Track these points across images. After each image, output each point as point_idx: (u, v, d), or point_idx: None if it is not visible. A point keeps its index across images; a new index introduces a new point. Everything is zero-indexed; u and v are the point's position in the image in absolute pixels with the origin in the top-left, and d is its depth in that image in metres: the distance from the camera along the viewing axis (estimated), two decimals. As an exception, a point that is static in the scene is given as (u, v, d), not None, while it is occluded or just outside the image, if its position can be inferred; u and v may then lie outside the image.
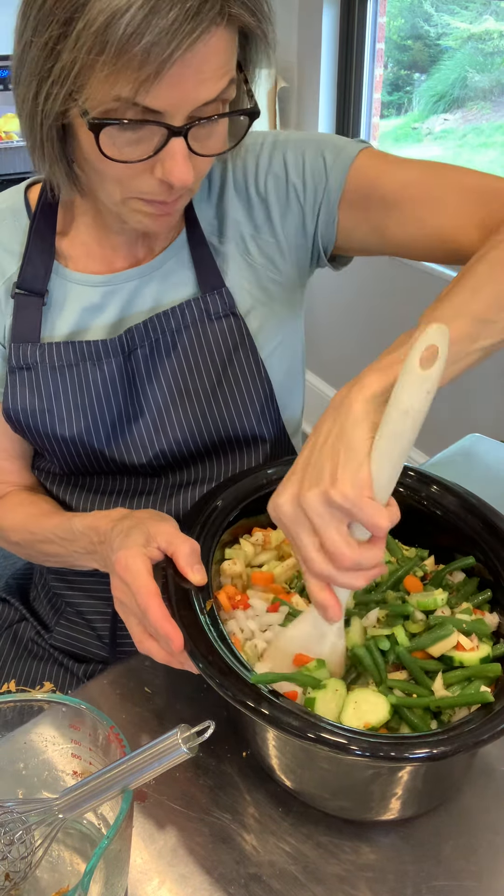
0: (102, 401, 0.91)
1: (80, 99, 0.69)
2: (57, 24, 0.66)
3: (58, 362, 0.91)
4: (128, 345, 0.91)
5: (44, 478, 1.01)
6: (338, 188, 0.90)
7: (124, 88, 0.66)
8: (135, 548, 0.73)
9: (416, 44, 2.71)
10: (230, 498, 0.83)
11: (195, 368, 0.93)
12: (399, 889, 0.66)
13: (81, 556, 0.86)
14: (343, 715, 0.66)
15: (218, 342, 0.93)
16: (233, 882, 0.66)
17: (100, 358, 0.91)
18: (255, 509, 0.85)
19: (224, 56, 0.69)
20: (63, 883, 0.64)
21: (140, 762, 0.58)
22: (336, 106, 2.76)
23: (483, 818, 0.72)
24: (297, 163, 0.92)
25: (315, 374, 3.19)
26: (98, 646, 1.05)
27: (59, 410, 0.91)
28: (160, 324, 0.92)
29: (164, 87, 0.66)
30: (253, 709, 0.61)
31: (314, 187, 0.92)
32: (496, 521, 0.80)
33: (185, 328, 0.92)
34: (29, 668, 1.06)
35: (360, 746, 0.59)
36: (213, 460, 0.97)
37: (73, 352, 0.90)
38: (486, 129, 2.62)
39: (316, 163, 0.91)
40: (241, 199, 0.95)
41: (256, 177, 0.93)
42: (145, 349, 0.92)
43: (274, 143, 0.94)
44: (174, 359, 0.92)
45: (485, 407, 2.34)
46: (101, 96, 0.67)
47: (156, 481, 0.98)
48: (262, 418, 0.96)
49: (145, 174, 0.75)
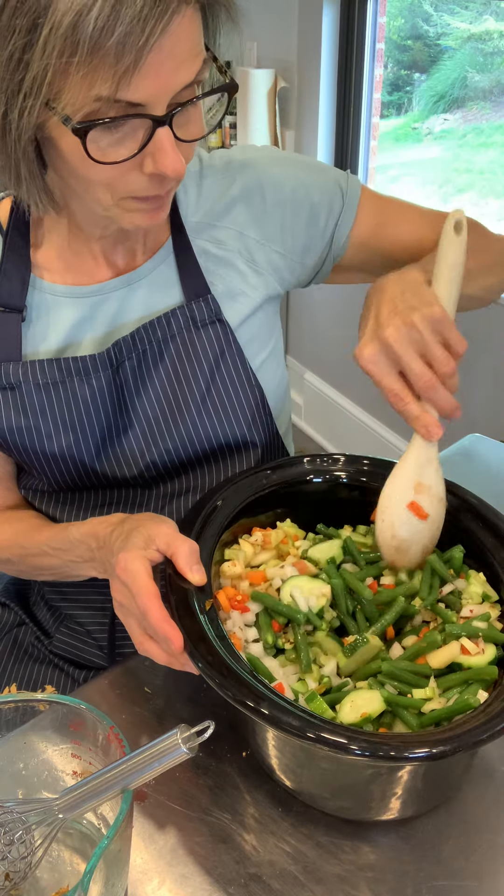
0: (92, 415, 0.90)
1: (58, 107, 0.67)
2: (20, 34, 0.64)
3: (42, 380, 0.88)
4: (116, 358, 0.90)
5: (31, 496, 1.00)
6: (348, 224, 0.98)
7: (103, 86, 0.64)
8: (134, 550, 0.72)
9: (416, 44, 2.71)
10: (229, 498, 0.83)
11: (183, 377, 0.92)
12: (399, 889, 0.66)
13: (79, 564, 0.85)
14: (341, 713, 0.67)
15: (205, 349, 0.92)
16: (233, 882, 0.66)
17: (87, 373, 0.89)
18: (254, 509, 0.85)
19: (194, 37, 0.69)
20: (63, 883, 0.64)
21: (140, 762, 0.58)
22: (336, 106, 2.75)
23: (483, 818, 0.72)
24: (313, 184, 0.96)
25: (315, 374, 3.19)
26: (97, 654, 1.05)
27: (46, 427, 0.89)
28: (147, 334, 0.90)
29: (144, 77, 0.65)
30: (253, 709, 0.61)
31: (328, 213, 0.97)
32: (496, 520, 0.80)
33: (171, 337, 0.91)
34: (30, 672, 1.05)
35: (359, 746, 0.59)
36: (204, 468, 0.96)
37: (59, 369, 0.88)
38: (486, 129, 2.62)
39: (334, 192, 0.97)
40: (249, 209, 0.95)
41: (267, 188, 0.94)
42: (133, 361, 0.90)
43: (285, 158, 0.97)
44: (162, 369, 0.91)
45: (485, 407, 2.34)
46: (80, 100, 0.65)
47: (147, 492, 0.97)
48: (253, 424, 0.95)
49: (134, 172, 0.73)
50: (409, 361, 0.73)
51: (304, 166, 0.98)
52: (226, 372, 0.93)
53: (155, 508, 0.97)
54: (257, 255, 0.96)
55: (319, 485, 0.88)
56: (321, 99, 2.72)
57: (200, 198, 0.95)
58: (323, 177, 0.97)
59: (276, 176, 0.95)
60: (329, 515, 0.88)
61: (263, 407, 0.96)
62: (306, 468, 0.88)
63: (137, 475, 0.93)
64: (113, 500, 0.97)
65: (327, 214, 0.97)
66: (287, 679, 0.72)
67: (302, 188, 0.96)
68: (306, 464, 0.88)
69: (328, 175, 0.98)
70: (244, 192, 0.95)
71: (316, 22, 2.62)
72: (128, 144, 0.70)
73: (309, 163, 0.99)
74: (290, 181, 0.95)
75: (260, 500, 0.85)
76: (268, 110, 2.84)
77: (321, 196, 0.96)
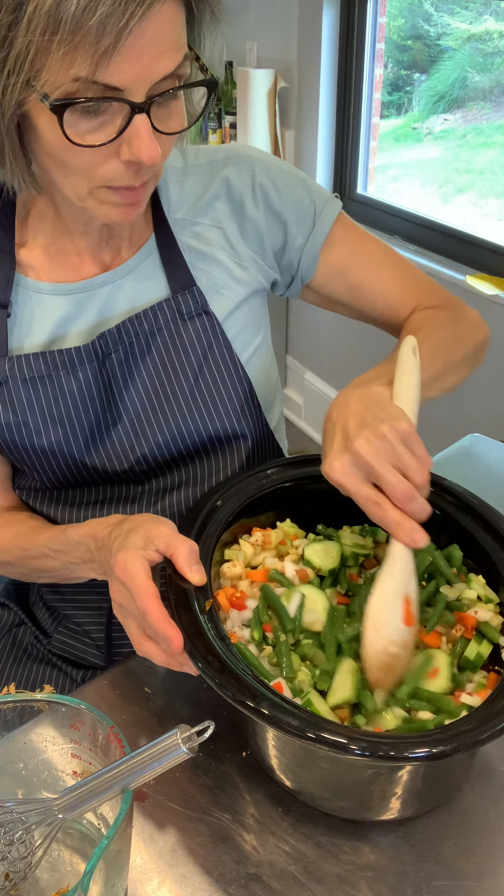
0: (80, 409, 0.90)
1: (37, 85, 0.68)
2: (5, 11, 0.65)
3: (28, 374, 0.88)
4: (102, 350, 0.90)
5: (26, 496, 1.00)
6: (318, 244, 0.99)
7: (82, 67, 0.65)
8: (133, 550, 0.72)
9: (416, 44, 2.71)
10: (229, 498, 0.83)
11: (171, 370, 0.92)
12: (399, 889, 0.66)
13: (78, 566, 0.85)
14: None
15: (192, 342, 0.92)
16: (233, 882, 0.66)
17: (73, 366, 0.89)
18: (254, 509, 0.85)
19: (177, 29, 0.70)
20: (63, 883, 0.64)
21: (140, 762, 0.58)
22: (336, 106, 2.75)
23: (483, 818, 0.72)
24: (291, 194, 0.97)
25: (315, 374, 3.18)
26: (95, 654, 1.05)
27: (35, 422, 0.89)
28: (133, 327, 0.90)
29: (122, 60, 0.66)
30: (253, 709, 0.61)
31: (299, 227, 0.98)
32: (495, 521, 0.80)
33: (158, 330, 0.91)
34: (29, 671, 1.06)
35: (359, 746, 0.59)
36: (195, 462, 0.96)
37: (45, 362, 0.89)
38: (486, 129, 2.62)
39: (308, 209, 0.98)
40: (230, 205, 0.96)
41: (252, 190, 0.95)
42: (119, 353, 0.90)
43: (270, 161, 0.98)
44: (149, 362, 0.91)
45: (485, 407, 2.34)
46: (59, 79, 0.67)
47: (139, 488, 0.96)
48: (242, 416, 0.95)
49: (111, 159, 0.73)
50: (383, 471, 0.70)
51: (288, 175, 0.98)
52: (213, 364, 0.93)
53: (148, 504, 0.97)
54: (240, 249, 0.97)
55: (319, 485, 0.88)
56: (321, 99, 2.72)
57: (183, 194, 0.95)
58: (302, 191, 0.98)
59: (259, 178, 0.96)
60: (329, 515, 0.88)
61: (252, 399, 0.96)
62: (306, 468, 0.88)
63: (128, 469, 0.93)
64: (106, 497, 0.97)
65: (297, 228, 0.98)
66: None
67: (281, 195, 0.97)
68: (307, 464, 0.88)
69: (308, 190, 0.99)
70: (226, 189, 0.96)
71: (316, 22, 2.62)
72: (106, 130, 0.71)
73: (293, 173, 1.00)
74: (270, 185, 0.96)
75: (260, 500, 0.85)
76: (268, 110, 2.84)
77: (295, 209, 0.98)
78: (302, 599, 0.76)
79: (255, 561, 0.82)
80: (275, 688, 0.67)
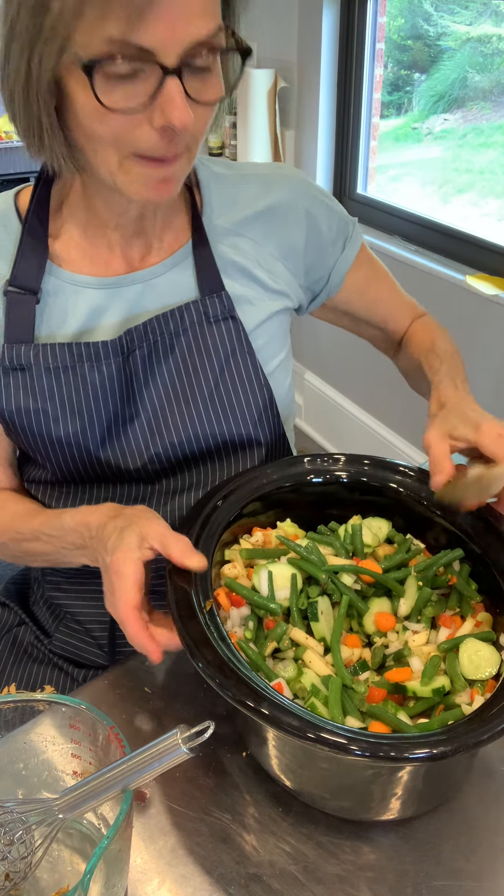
0: (100, 402, 0.91)
1: (70, 48, 0.69)
2: None
3: (52, 363, 0.90)
4: (127, 346, 0.91)
5: (34, 489, 1.00)
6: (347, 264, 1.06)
7: (115, 26, 0.67)
8: (128, 551, 0.73)
9: (416, 44, 2.71)
10: (230, 498, 0.83)
11: (192, 371, 0.93)
12: (399, 889, 0.66)
13: (71, 552, 0.86)
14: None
15: (216, 345, 0.93)
16: (233, 882, 0.66)
17: (98, 359, 0.90)
18: (254, 509, 0.85)
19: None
20: (63, 883, 0.64)
21: (140, 762, 0.58)
22: (336, 106, 2.75)
23: (483, 818, 0.72)
24: (330, 218, 1.03)
25: (315, 374, 3.18)
26: (97, 653, 1.05)
27: (54, 411, 0.90)
28: (159, 325, 0.92)
29: (155, 20, 0.67)
30: (253, 709, 0.61)
31: (333, 248, 1.04)
32: (495, 522, 0.80)
33: (183, 331, 0.92)
34: (29, 672, 1.05)
35: (359, 746, 0.59)
36: (208, 465, 0.97)
37: (70, 353, 0.90)
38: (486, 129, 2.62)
39: (343, 231, 1.05)
40: (271, 225, 0.99)
41: (296, 210, 1.00)
42: (144, 350, 0.91)
43: (311, 186, 1.03)
44: (171, 361, 0.92)
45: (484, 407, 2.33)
46: (92, 41, 0.68)
47: (150, 488, 0.97)
48: (259, 423, 0.96)
49: (143, 126, 0.73)
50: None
51: (326, 200, 1.04)
52: (235, 369, 0.94)
53: (157, 505, 0.97)
54: (275, 266, 1.00)
55: (320, 485, 0.88)
56: (321, 99, 2.72)
57: (225, 204, 0.98)
58: (338, 215, 1.05)
59: (304, 199, 1.00)
60: (329, 515, 0.88)
61: (272, 408, 0.97)
62: (307, 468, 0.88)
63: (141, 467, 0.93)
64: (116, 496, 0.97)
65: (331, 248, 1.04)
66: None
67: (321, 219, 1.02)
68: (307, 463, 0.88)
69: (342, 215, 1.06)
70: (269, 209, 0.99)
71: (316, 22, 2.62)
72: (138, 96, 0.71)
73: (329, 198, 1.05)
74: (314, 208, 1.01)
75: (260, 499, 0.85)
76: (268, 110, 2.84)
77: (335, 232, 1.03)
78: (269, 576, 0.77)
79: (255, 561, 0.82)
80: (275, 688, 0.67)
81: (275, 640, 0.74)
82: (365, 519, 0.88)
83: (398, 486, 0.87)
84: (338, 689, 0.69)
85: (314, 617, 0.75)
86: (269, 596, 0.76)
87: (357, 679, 0.73)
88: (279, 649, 0.75)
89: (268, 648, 0.73)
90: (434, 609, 0.77)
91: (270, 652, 0.74)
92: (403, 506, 0.87)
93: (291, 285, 1.02)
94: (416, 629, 0.76)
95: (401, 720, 0.68)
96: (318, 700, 0.69)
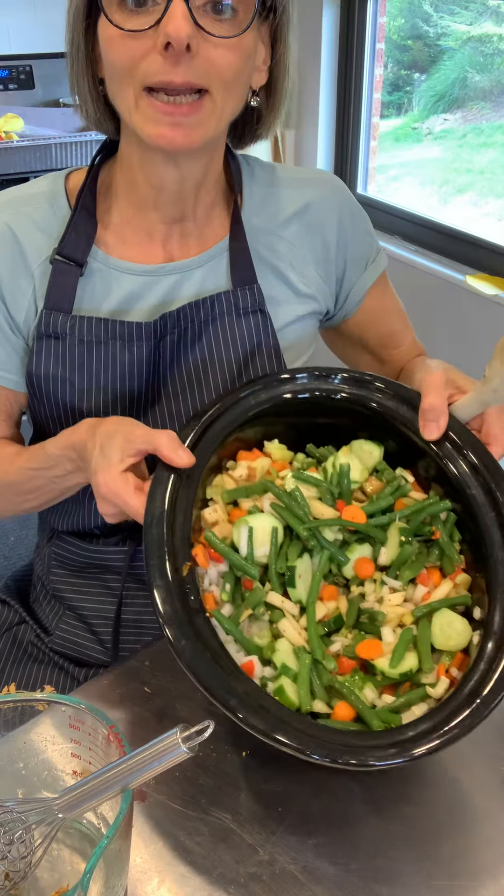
0: (125, 382, 0.93)
1: None
2: None
3: (87, 336, 0.92)
4: (160, 331, 0.93)
5: None
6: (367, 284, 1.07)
7: None
8: (111, 470, 0.75)
9: (416, 44, 2.71)
10: (225, 415, 0.81)
11: (217, 359, 0.95)
12: (399, 889, 0.66)
13: (66, 477, 0.88)
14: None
15: (243, 336, 0.95)
16: (233, 882, 0.66)
17: (132, 339, 0.92)
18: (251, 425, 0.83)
19: None
20: (63, 883, 0.64)
21: (140, 762, 0.58)
22: (336, 106, 2.75)
23: (482, 818, 0.72)
24: (361, 237, 1.05)
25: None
26: (99, 650, 1.04)
27: (80, 383, 0.92)
28: (191, 312, 0.94)
29: None
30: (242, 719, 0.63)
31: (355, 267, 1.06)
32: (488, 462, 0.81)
33: (213, 320, 0.94)
34: (29, 672, 1.05)
35: (319, 753, 0.63)
36: None
37: (106, 329, 0.92)
38: (486, 129, 2.62)
39: (370, 252, 1.07)
40: (309, 230, 1.01)
41: (333, 218, 1.01)
42: (174, 336, 0.93)
43: (350, 200, 1.05)
44: (198, 348, 0.94)
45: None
46: None
47: None
48: None
49: (151, 52, 0.78)
50: None
51: (363, 214, 1.07)
52: (259, 362, 0.96)
53: None
54: (308, 270, 1.01)
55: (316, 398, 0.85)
56: (321, 99, 2.72)
57: (265, 204, 1.00)
58: (369, 234, 1.08)
59: (342, 208, 1.03)
60: (320, 426, 0.86)
61: None
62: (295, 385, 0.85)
63: None
64: None
65: (353, 267, 1.05)
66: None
67: (355, 230, 1.04)
68: (307, 379, 0.85)
69: (372, 235, 1.09)
70: (309, 211, 1.01)
71: (316, 22, 2.62)
72: (148, 22, 0.77)
73: (366, 214, 1.08)
74: (349, 219, 1.03)
75: (256, 417, 0.83)
76: (268, 110, 2.84)
77: (358, 248, 1.05)
78: (250, 533, 0.75)
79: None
80: (245, 668, 0.68)
81: (250, 606, 0.73)
82: (356, 441, 0.84)
83: (400, 424, 0.84)
84: (307, 669, 0.70)
85: (291, 583, 0.74)
86: (248, 555, 0.75)
87: (328, 652, 0.73)
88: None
89: (243, 614, 0.73)
90: (413, 570, 0.76)
91: (246, 617, 0.74)
92: (397, 431, 0.84)
93: (321, 290, 1.03)
94: (395, 586, 0.76)
95: (366, 707, 0.69)
96: (288, 678, 0.70)
